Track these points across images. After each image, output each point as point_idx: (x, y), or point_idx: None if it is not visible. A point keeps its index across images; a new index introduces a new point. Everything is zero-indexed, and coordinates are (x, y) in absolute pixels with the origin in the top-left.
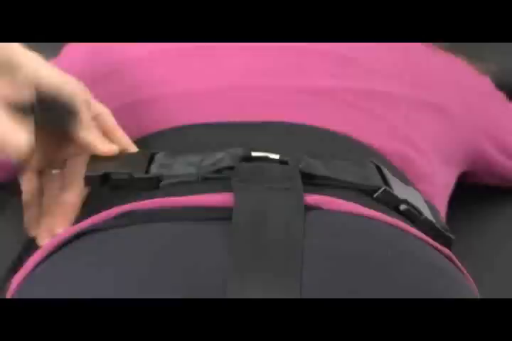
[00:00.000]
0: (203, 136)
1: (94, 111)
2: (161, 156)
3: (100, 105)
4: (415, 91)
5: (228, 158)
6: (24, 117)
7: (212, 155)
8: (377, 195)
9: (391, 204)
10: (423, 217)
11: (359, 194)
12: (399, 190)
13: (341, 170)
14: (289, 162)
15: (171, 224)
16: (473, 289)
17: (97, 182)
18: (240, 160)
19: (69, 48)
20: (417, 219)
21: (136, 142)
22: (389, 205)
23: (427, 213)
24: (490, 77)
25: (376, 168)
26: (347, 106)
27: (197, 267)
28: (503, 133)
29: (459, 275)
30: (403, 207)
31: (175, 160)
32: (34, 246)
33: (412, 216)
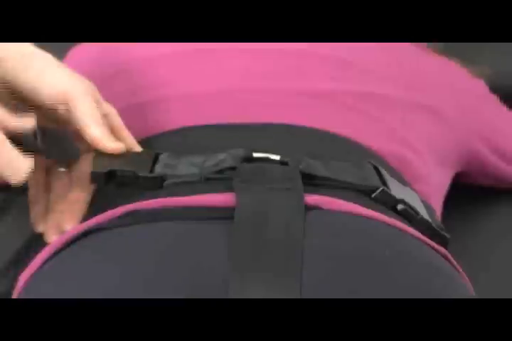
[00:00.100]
0: (204, 138)
1: (103, 110)
2: (165, 157)
3: (108, 105)
4: (410, 94)
5: (230, 158)
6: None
7: (214, 156)
8: (375, 195)
9: (389, 204)
10: (420, 216)
11: (358, 194)
12: (396, 190)
13: (340, 171)
14: (290, 163)
15: (174, 223)
16: (469, 288)
17: (102, 179)
18: (242, 161)
19: (76, 49)
20: (414, 219)
21: (139, 142)
22: (387, 205)
23: (424, 213)
24: (483, 80)
25: (374, 168)
26: (347, 109)
27: (199, 266)
28: (497, 135)
29: (455, 274)
30: (400, 206)
31: (179, 160)
32: (41, 243)
33: (409, 215)
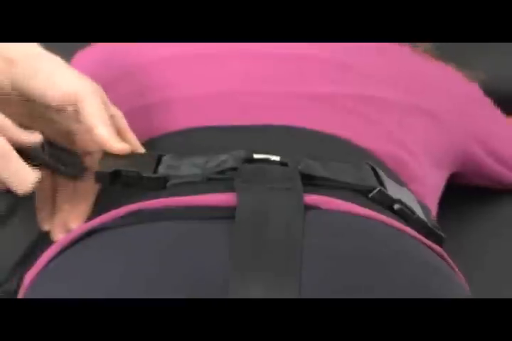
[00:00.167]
0: (206, 139)
1: (110, 112)
2: (168, 158)
3: (114, 107)
4: (409, 97)
5: (231, 159)
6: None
7: (216, 157)
8: (372, 194)
9: (385, 203)
10: (416, 216)
11: (355, 194)
12: (393, 191)
13: (339, 172)
14: (289, 163)
15: (176, 222)
16: (465, 287)
17: (107, 179)
18: (243, 162)
19: (82, 53)
20: (410, 218)
21: (143, 144)
22: (383, 205)
23: (419, 212)
24: (478, 84)
25: (372, 169)
26: (346, 112)
27: (201, 265)
28: (492, 137)
29: (451, 273)
30: (397, 206)
31: (181, 161)
32: (47, 241)
33: (405, 215)
